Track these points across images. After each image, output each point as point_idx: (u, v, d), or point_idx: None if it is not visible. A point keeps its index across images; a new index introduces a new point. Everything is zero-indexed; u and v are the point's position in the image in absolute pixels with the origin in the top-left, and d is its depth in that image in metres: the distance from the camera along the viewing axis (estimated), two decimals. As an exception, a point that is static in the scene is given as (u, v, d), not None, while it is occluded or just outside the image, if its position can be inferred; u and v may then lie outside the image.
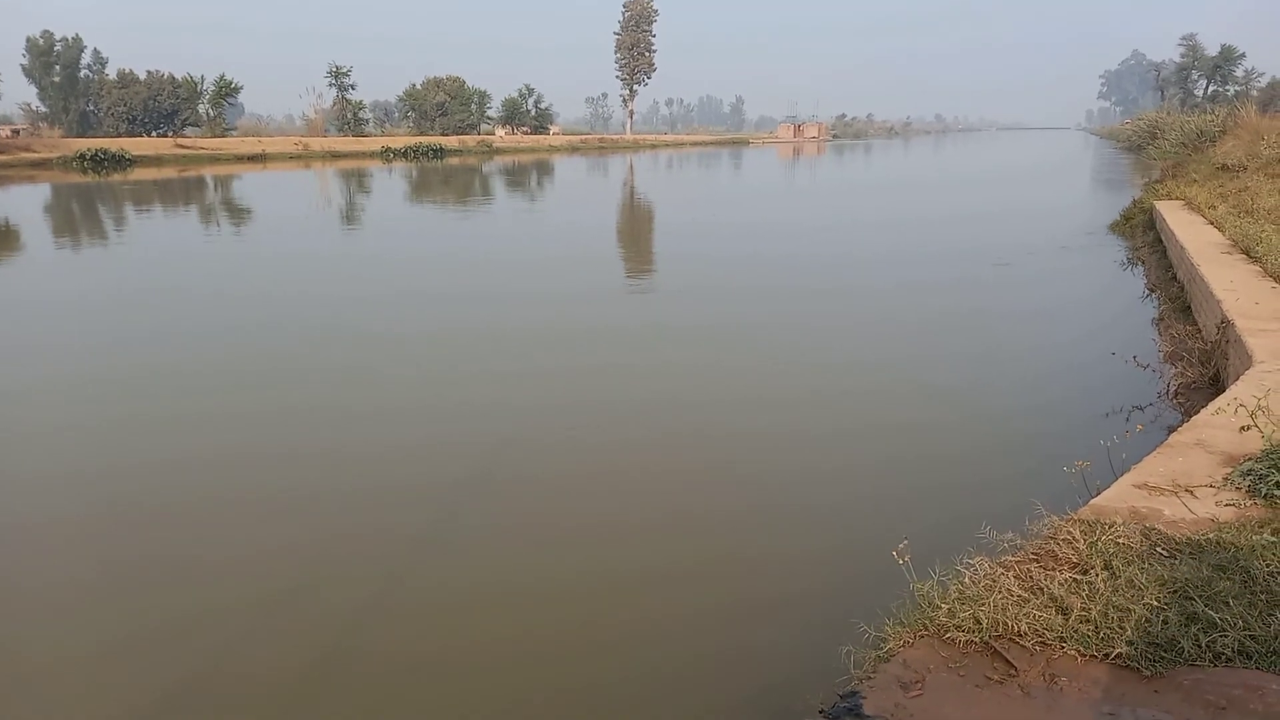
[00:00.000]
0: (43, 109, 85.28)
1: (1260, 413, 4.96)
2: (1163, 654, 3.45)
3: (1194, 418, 5.82)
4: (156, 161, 62.04)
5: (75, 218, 30.85)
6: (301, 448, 8.34)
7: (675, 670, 4.88)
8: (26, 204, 36.87)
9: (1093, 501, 4.73)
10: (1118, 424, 8.23)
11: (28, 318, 14.24)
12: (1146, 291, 13.96)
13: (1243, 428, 5.03)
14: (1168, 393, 8.87)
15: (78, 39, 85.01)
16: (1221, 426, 5.36)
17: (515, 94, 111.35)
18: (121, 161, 58.22)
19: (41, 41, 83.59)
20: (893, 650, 3.80)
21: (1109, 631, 3.59)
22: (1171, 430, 7.76)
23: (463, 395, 9.87)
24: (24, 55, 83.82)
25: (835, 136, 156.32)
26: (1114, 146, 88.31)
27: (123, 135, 76.60)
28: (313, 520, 6.82)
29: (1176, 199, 19.65)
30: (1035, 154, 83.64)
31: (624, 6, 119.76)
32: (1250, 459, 4.92)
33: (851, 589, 5.43)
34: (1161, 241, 16.49)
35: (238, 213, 32.20)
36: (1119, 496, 4.67)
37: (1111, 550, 4.11)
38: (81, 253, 22.14)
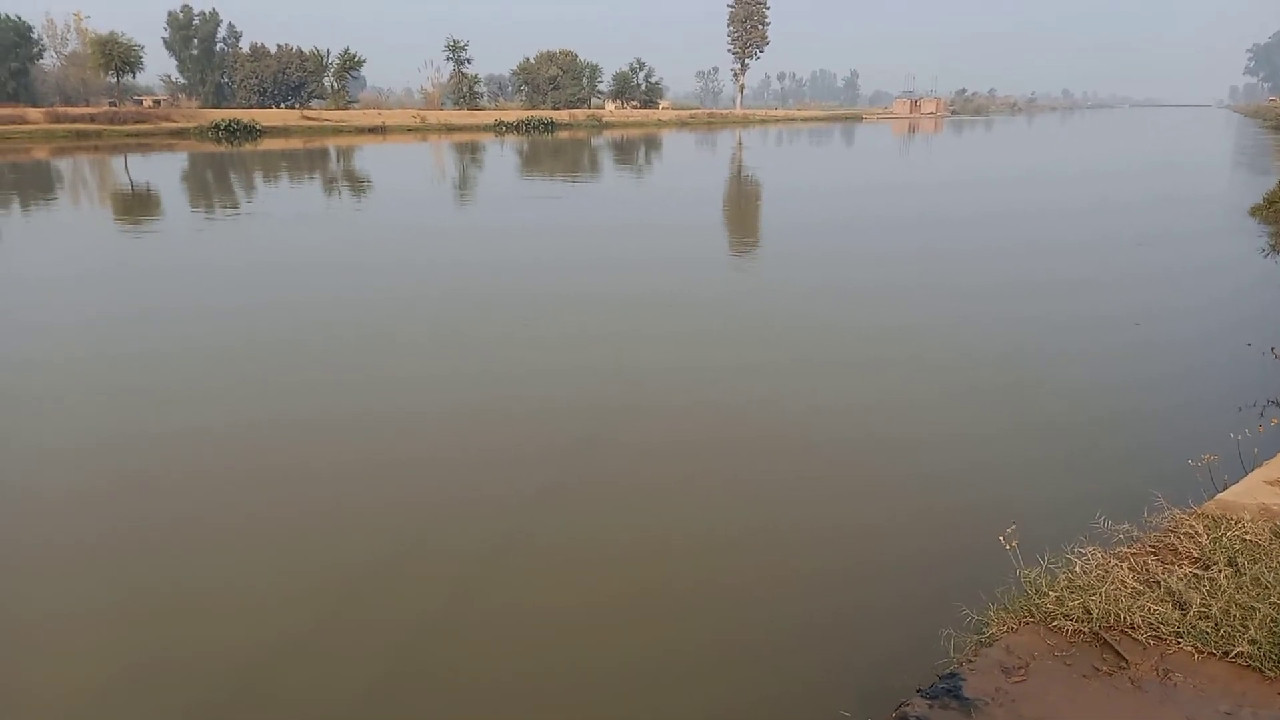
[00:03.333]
0: (181, 81, 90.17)
1: None
2: (1290, 656, 3.28)
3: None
4: (284, 132, 64.91)
5: (210, 188, 32.66)
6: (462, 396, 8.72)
7: (772, 643, 4.91)
8: (168, 172, 39.24)
9: (1219, 496, 4.51)
10: (1251, 418, 7.78)
11: (209, 276, 15.21)
12: (1291, 281, 13.07)
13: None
14: (1310, 389, 8.32)
15: (214, 14, 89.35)
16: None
17: (626, 68, 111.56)
18: (252, 132, 61.11)
19: (181, 15, 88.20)
20: (995, 635, 3.73)
21: (1230, 629, 3.43)
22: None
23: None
24: (165, 29, 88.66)
25: (954, 112, 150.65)
26: (1260, 125, 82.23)
27: (254, 107, 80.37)
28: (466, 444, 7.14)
29: (1331, 182, 18.21)
30: (1169, 134, 78.59)
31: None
32: (1400, 460, 4.59)
33: (953, 570, 5.33)
34: (1311, 228, 15.34)
35: (361, 184, 33.46)
36: (1248, 491, 4.43)
37: (1237, 546, 3.91)
38: (229, 223, 23.46)
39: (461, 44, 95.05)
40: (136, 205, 26.22)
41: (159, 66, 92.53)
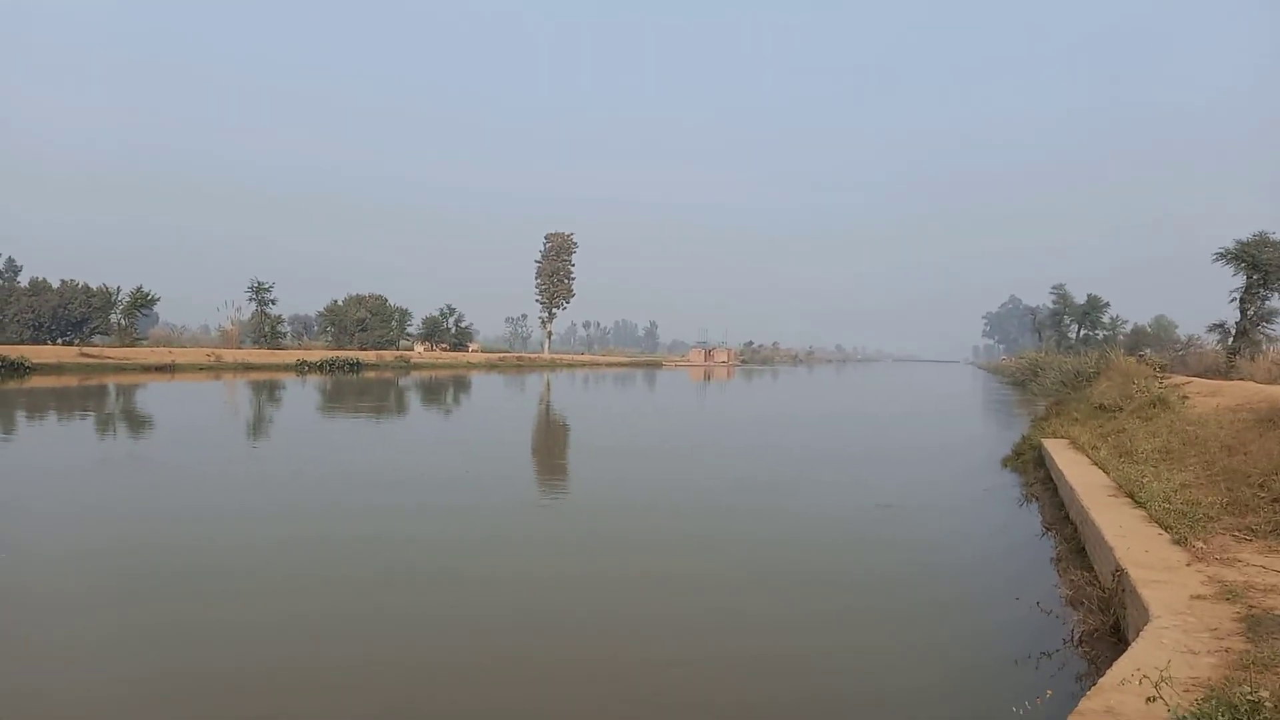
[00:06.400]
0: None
1: (1164, 684, 4.97)
2: None
3: (1100, 681, 5.77)
4: (58, 369, 60.35)
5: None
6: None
7: None
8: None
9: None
10: (1026, 671, 8.17)
11: None
12: (1043, 530, 14.34)
13: (1149, 699, 5.01)
14: (1072, 639, 8.88)
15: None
16: (1129, 693, 5.32)
17: (436, 313, 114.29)
18: (19, 368, 56.37)
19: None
20: None
21: None
22: (1079, 679, 7.76)
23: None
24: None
25: (744, 362, 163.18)
26: (999, 381, 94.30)
27: (25, 342, 74.68)
28: None
29: (1062, 438, 20.75)
30: (929, 390, 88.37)
31: (545, 238, 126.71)
32: (1160, 732, 4.85)
33: None
34: (1051, 478, 17.21)
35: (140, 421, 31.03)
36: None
37: None
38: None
39: (266, 285, 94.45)
40: None
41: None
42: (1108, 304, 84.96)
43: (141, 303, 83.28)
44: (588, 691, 8.08)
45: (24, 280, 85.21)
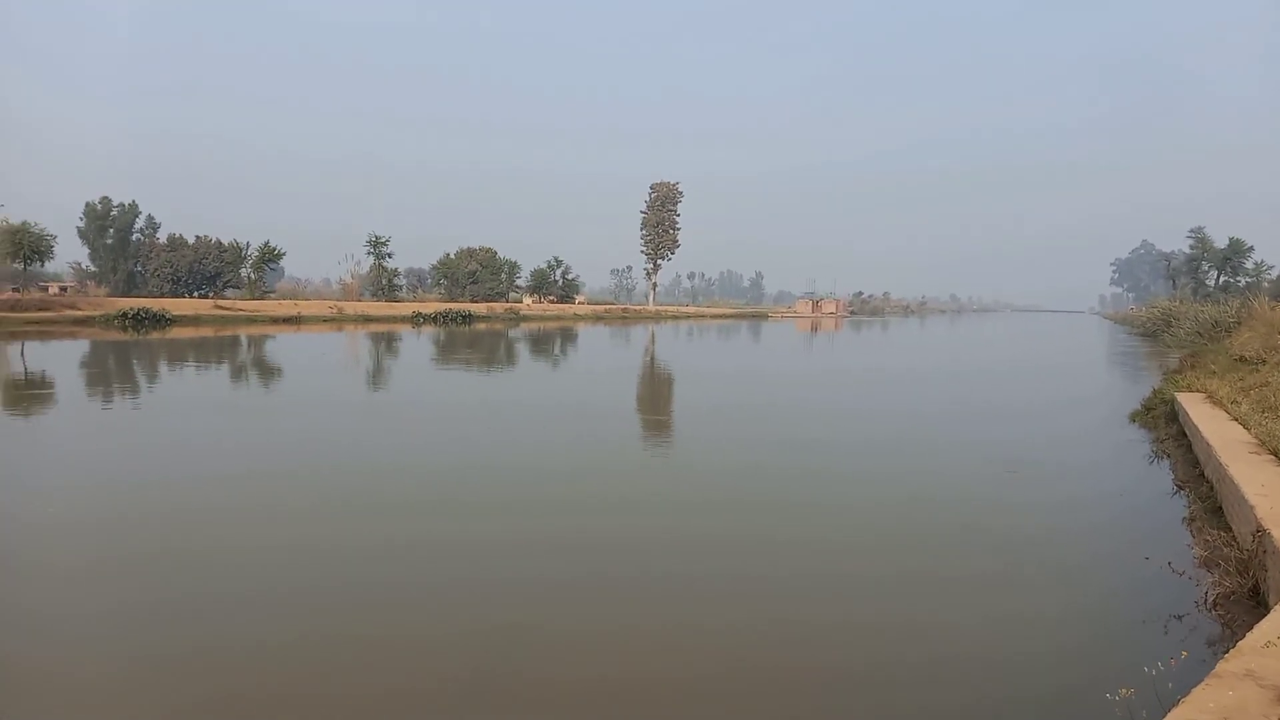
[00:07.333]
0: (91, 269, 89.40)
1: (1311, 648, 4.76)
2: None
3: (1240, 643, 5.56)
4: (195, 321, 64.37)
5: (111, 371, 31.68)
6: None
7: None
8: (57, 358, 37.99)
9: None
10: (1155, 633, 7.92)
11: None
12: (1175, 488, 13.70)
13: (1294, 663, 4.81)
14: (1205, 602, 8.54)
15: (134, 205, 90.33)
16: (1272, 656, 5.13)
17: (544, 265, 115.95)
18: (161, 321, 60.37)
19: (100, 207, 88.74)
20: None
21: None
22: (1211, 643, 7.49)
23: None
24: (81, 218, 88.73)
25: (853, 313, 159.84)
26: (1127, 332, 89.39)
27: (165, 295, 79.85)
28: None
29: (1197, 391, 19.63)
30: (1049, 342, 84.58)
31: (651, 188, 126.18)
32: (1305, 698, 4.66)
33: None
34: (1185, 434, 16.36)
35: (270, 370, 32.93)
36: (1168, 739, 4.41)
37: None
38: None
39: (383, 239, 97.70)
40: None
41: (72, 254, 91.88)
42: (1251, 248, 79.09)
43: (269, 257, 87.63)
44: (735, 656, 8.27)
45: (162, 237, 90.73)
